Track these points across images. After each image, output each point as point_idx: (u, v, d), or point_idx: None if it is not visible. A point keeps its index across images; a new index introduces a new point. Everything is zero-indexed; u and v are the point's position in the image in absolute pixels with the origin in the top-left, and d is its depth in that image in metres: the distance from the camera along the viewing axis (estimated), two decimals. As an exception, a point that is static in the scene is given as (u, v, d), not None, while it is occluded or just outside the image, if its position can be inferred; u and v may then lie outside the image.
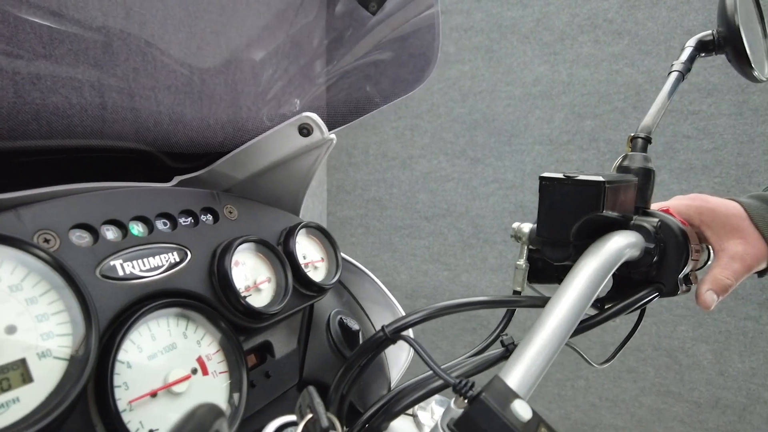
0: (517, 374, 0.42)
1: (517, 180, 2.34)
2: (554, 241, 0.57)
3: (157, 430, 0.45)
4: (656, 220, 0.61)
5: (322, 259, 0.71)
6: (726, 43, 0.72)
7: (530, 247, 0.62)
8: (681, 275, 0.63)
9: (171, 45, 0.57)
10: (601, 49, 2.13)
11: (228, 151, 0.66)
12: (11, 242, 0.39)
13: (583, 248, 0.54)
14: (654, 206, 0.71)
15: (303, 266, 0.65)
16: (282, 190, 0.71)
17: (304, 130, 0.65)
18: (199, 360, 0.50)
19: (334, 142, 0.67)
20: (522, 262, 0.62)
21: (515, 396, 0.39)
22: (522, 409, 0.38)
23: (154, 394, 0.46)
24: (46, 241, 0.44)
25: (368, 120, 2.59)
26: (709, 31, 0.75)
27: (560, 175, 0.55)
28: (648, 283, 0.62)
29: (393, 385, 0.79)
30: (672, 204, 0.71)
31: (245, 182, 0.68)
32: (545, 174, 0.56)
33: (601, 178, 0.53)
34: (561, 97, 2.22)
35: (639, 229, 0.59)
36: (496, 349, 0.57)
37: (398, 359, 0.81)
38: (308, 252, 0.69)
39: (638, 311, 0.67)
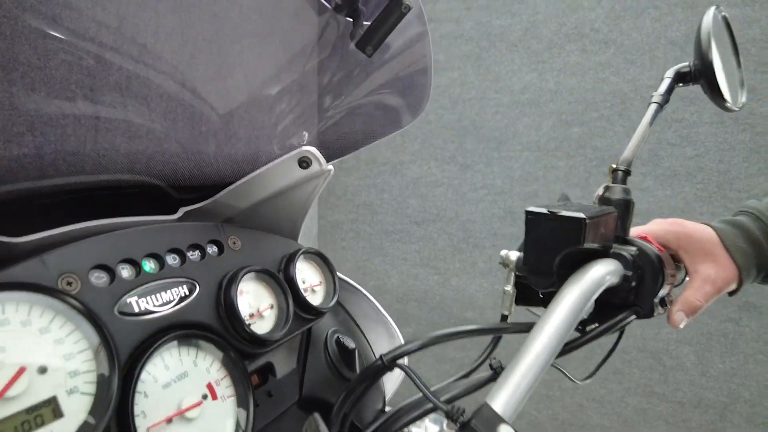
0: (502, 399, 0.46)
1: (506, 186, 2.38)
2: (539, 271, 0.61)
3: (173, 454, 0.48)
4: (634, 248, 0.65)
5: (320, 282, 0.75)
6: (701, 75, 0.76)
7: (517, 273, 0.66)
8: (657, 299, 0.67)
9: (184, 89, 0.61)
10: (588, 58, 2.17)
11: (231, 183, 0.69)
12: (40, 289, 0.43)
13: (566, 276, 0.58)
14: (633, 231, 0.75)
15: (303, 291, 0.69)
16: (281, 218, 0.75)
17: (304, 163, 0.69)
18: (209, 386, 0.54)
19: (332, 173, 0.71)
20: (509, 287, 0.66)
21: (501, 421, 0.43)
22: (507, 435, 0.41)
23: (169, 420, 0.49)
24: (69, 284, 0.47)
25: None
26: (686, 63, 0.79)
27: (545, 210, 0.59)
28: (626, 306, 0.66)
29: (387, 398, 0.83)
30: (650, 229, 0.75)
31: (246, 211, 0.72)
32: (530, 208, 0.60)
33: (581, 215, 0.57)
34: (549, 105, 2.26)
35: (618, 257, 0.63)
36: (485, 372, 0.61)
37: (392, 374, 0.85)
38: (307, 276, 0.73)
39: (618, 332, 0.71)
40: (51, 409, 0.41)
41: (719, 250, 0.72)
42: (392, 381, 0.84)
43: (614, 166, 0.72)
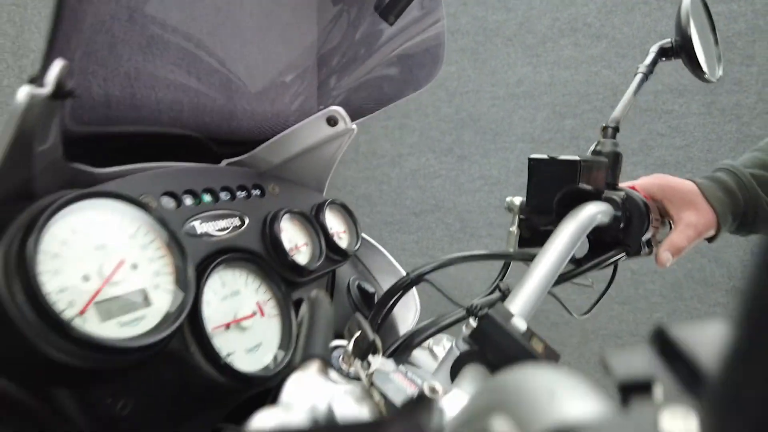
0: (515, 303, 0.55)
1: (502, 176, 2.44)
2: (540, 210, 0.70)
3: (233, 352, 0.57)
4: (623, 193, 0.74)
5: (345, 230, 0.84)
6: (681, 50, 0.86)
7: (521, 216, 0.75)
8: (644, 239, 0.76)
9: (237, 65, 0.72)
10: (581, 52, 2.24)
11: (267, 139, 0.78)
12: (132, 201, 0.51)
13: (564, 215, 0.67)
14: (623, 185, 0.84)
15: (331, 235, 0.78)
16: (310, 173, 0.84)
17: (331, 121, 0.78)
18: (258, 304, 0.63)
19: (355, 131, 0.80)
20: (514, 228, 0.75)
21: (513, 315, 0.52)
22: (519, 324, 0.50)
23: (228, 326, 0.58)
24: (147, 203, 0.55)
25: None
26: (669, 39, 0.89)
27: (545, 156, 0.68)
28: (617, 245, 0.75)
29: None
30: (638, 182, 0.85)
31: (279, 166, 0.80)
32: (533, 155, 0.69)
33: (576, 158, 0.66)
34: (543, 98, 2.31)
35: (609, 200, 0.73)
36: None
37: (405, 320, 0.93)
38: (334, 224, 0.82)
39: (612, 271, 0.80)
40: (143, 297, 0.49)
41: (700, 200, 0.81)
42: (407, 322, 0.92)
43: (604, 124, 0.81)
